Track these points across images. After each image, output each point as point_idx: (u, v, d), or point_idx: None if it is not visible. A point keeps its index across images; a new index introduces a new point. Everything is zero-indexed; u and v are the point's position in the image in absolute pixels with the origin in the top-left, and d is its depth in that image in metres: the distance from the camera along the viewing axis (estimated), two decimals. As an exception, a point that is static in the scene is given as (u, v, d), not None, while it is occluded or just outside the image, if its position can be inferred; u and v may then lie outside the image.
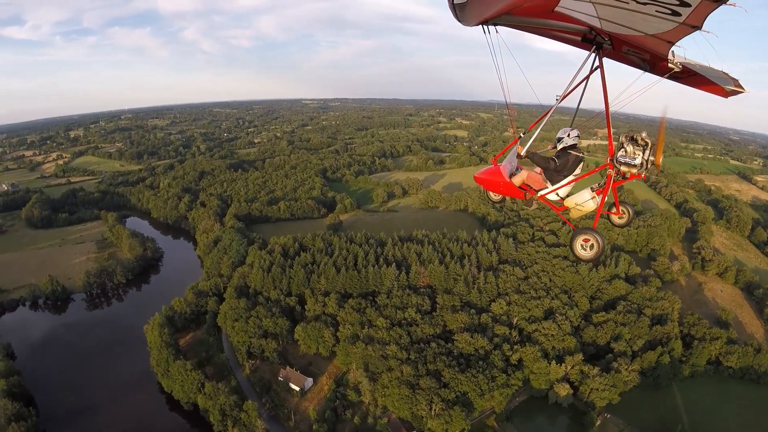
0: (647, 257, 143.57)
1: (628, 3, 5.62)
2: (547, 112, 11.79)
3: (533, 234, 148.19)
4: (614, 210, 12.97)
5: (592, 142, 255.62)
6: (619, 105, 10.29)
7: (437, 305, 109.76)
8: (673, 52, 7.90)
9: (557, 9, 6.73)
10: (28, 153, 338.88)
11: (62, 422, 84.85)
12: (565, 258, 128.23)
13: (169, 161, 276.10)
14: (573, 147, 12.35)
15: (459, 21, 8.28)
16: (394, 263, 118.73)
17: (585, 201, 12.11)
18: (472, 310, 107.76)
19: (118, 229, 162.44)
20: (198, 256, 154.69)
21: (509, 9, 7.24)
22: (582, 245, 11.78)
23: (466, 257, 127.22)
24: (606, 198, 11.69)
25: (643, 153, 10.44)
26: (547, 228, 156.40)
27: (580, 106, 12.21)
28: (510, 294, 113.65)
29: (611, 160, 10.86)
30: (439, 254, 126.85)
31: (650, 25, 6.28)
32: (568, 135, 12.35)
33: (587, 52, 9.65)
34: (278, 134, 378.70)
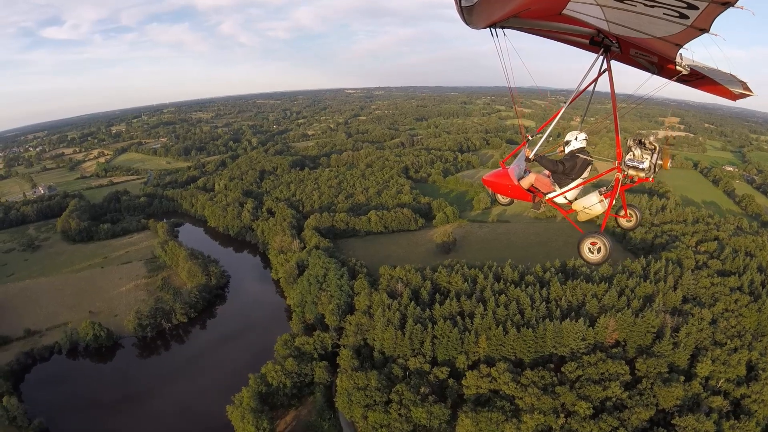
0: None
1: (635, 6, 5.25)
2: (555, 115, 11.28)
3: (696, 258, 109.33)
4: (622, 213, 12.65)
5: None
6: (628, 109, 10.49)
7: (637, 372, 73.76)
8: (681, 54, 7.59)
9: (565, 12, 6.31)
10: (68, 151, 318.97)
11: None
12: (739, 289, 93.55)
13: (219, 157, 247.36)
14: (581, 150, 11.89)
15: (467, 24, 7.74)
16: (580, 317, 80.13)
17: (593, 204, 11.78)
18: (681, 376, 71.50)
19: (172, 246, 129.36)
20: (273, 280, 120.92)
21: (517, 12, 6.93)
22: (589, 248, 11.30)
23: (656, 299, 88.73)
24: (614, 201, 11.39)
25: (651, 157, 10.12)
26: (702, 249, 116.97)
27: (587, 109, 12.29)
28: (709, 348, 77.12)
29: (619, 163, 10.44)
30: (626, 297, 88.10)
31: (658, 28, 5.93)
32: (576, 138, 11.93)
33: (595, 54, 9.30)
34: (332, 125, 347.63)
